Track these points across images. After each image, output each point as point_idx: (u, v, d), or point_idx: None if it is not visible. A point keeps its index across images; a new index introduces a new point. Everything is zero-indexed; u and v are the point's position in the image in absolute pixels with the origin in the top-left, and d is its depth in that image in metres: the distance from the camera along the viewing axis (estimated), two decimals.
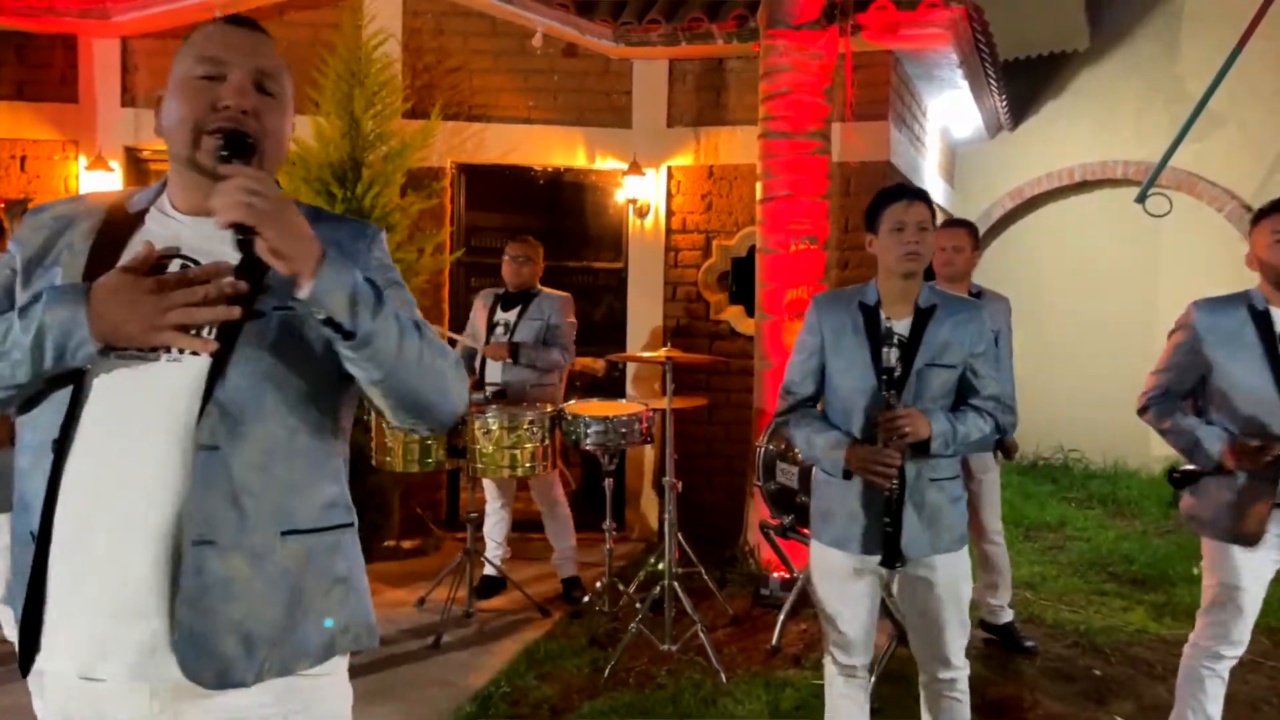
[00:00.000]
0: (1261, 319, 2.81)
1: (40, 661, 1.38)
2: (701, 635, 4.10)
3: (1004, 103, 7.68)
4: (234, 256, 1.35)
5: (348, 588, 1.51)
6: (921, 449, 2.57)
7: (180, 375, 1.38)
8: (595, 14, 5.91)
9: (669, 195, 6.20)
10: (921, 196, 2.66)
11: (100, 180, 5.80)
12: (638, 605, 4.57)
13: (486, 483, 4.95)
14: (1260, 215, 2.84)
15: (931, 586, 2.67)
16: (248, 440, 1.38)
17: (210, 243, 1.42)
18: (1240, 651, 2.92)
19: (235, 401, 1.37)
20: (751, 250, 5.90)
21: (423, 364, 1.41)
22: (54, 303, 1.33)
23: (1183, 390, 2.95)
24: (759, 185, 5.19)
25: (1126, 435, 8.35)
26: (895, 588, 2.80)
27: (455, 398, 1.49)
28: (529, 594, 4.85)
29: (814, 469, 2.87)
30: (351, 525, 1.53)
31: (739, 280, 6.08)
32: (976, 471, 4.15)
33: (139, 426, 1.36)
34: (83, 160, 5.87)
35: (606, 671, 3.96)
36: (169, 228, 1.47)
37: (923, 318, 2.65)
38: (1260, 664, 4.15)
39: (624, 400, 4.87)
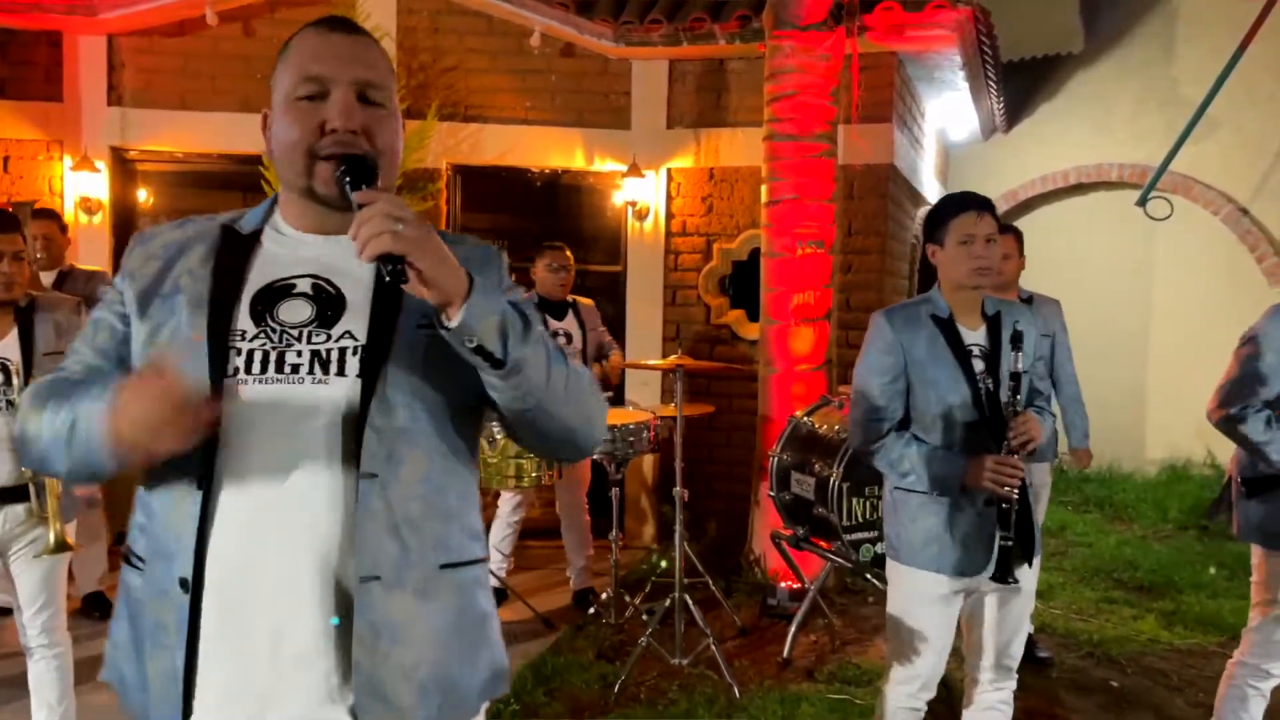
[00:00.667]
0: None
1: (200, 717, 1.28)
2: (714, 649, 4.01)
3: (1001, 105, 7.64)
4: (365, 273, 1.31)
5: (491, 627, 1.44)
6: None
7: (330, 398, 1.29)
8: (595, 13, 5.81)
9: (669, 198, 6.11)
10: (989, 207, 2.58)
11: (86, 181, 5.64)
12: (645, 617, 4.48)
13: (504, 494, 4.83)
14: None
15: (1017, 594, 2.62)
16: (406, 466, 1.30)
17: (340, 261, 1.35)
18: None
19: (391, 425, 1.29)
20: (753, 254, 5.82)
21: (569, 391, 1.34)
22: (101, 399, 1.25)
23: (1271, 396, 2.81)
24: (764, 188, 5.10)
25: (1121, 438, 8.35)
26: (971, 601, 2.71)
27: (599, 425, 1.43)
28: (532, 606, 4.75)
29: (886, 489, 2.75)
30: (487, 559, 1.46)
31: (740, 284, 5.99)
32: (1037, 484, 3.97)
33: (291, 456, 1.27)
34: (68, 160, 5.70)
35: (617, 687, 3.86)
36: (288, 248, 1.39)
37: (994, 326, 2.60)
38: None
39: (628, 407, 4.77)
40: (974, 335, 2.58)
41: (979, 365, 2.55)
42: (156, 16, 5.66)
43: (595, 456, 4.40)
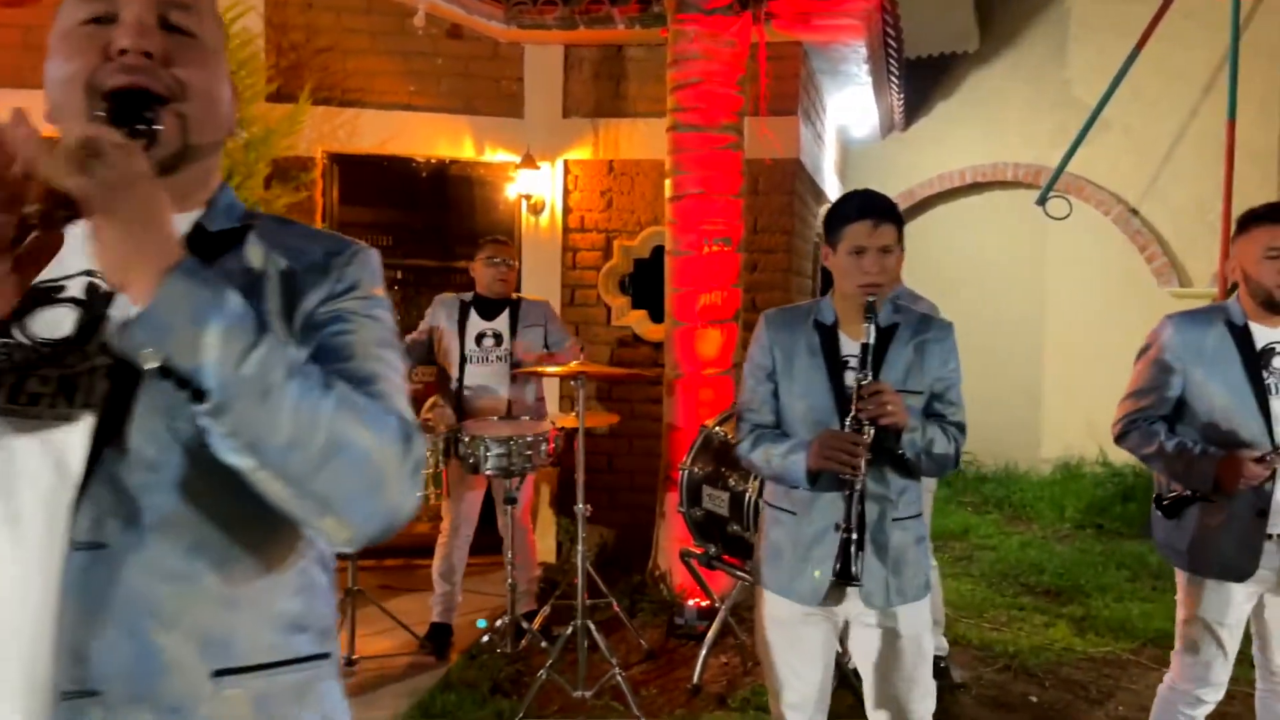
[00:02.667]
0: (1241, 334, 2.58)
1: None
2: (619, 678, 3.69)
3: (901, 102, 7.55)
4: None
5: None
6: (883, 459, 2.27)
7: (51, 443, 0.94)
8: None
9: (566, 191, 5.75)
10: (890, 215, 2.31)
11: None
12: (544, 645, 4.14)
13: (457, 508, 4.34)
14: (1249, 223, 2.58)
15: (895, 639, 2.35)
16: (158, 534, 0.94)
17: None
18: (1220, 695, 2.70)
19: (136, 479, 0.94)
20: (655, 251, 5.53)
21: (329, 442, 0.92)
22: None
23: (1162, 412, 2.69)
24: (668, 182, 4.80)
25: (1016, 437, 8.40)
26: (851, 643, 2.45)
27: (388, 498, 0.98)
28: (415, 633, 4.35)
29: (762, 506, 2.52)
30: (328, 657, 1.08)
31: (643, 283, 5.69)
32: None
33: None
34: None
35: None
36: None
37: (884, 338, 2.33)
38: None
39: (524, 418, 4.39)
40: (854, 346, 2.32)
41: (850, 377, 2.30)
42: None
43: (488, 473, 4.03)
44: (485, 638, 4.33)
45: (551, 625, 4.45)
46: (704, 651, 4.05)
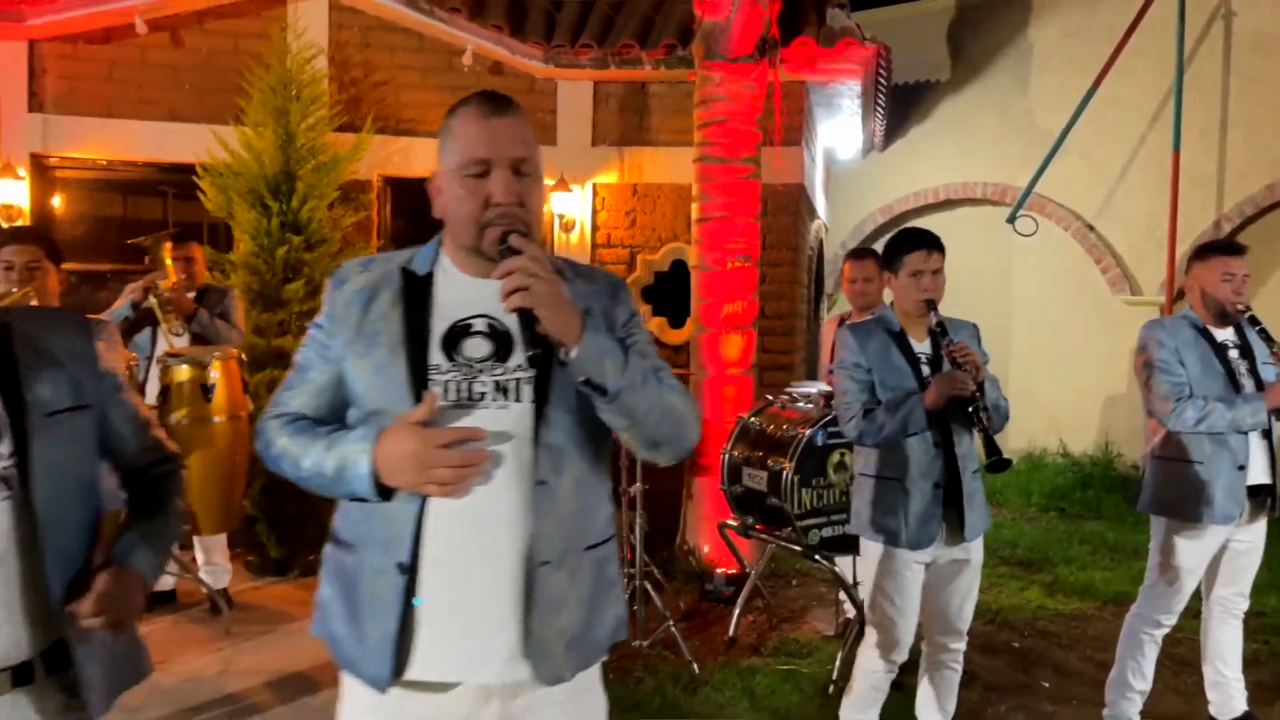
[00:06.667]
0: (1205, 333, 3.34)
1: (413, 673, 1.56)
2: (673, 629, 4.38)
3: (883, 127, 8.33)
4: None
5: (617, 588, 1.75)
6: (961, 424, 2.93)
7: (510, 420, 1.58)
8: (527, 35, 6.09)
9: (594, 211, 6.45)
10: (939, 246, 3.03)
11: (7, 188, 5.52)
12: None
13: None
14: (1208, 252, 3.34)
15: (966, 566, 3.06)
16: (566, 474, 1.60)
17: (500, 303, 1.59)
18: (1175, 620, 3.45)
19: (557, 443, 1.59)
20: (674, 265, 6.24)
21: (663, 409, 1.62)
22: (357, 442, 1.56)
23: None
24: (695, 206, 5.51)
25: None
26: (929, 577, 3.09)
27: (689, 438, 1.69)
28: None
29: (858, 479, 3.19)
30: (615, 535, 1.76)
31: (662, 293, 6.39)
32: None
33: (490, 462, 1.55)
34: None
35: None
36: (460, 289, 1.66)
37: (935, 338, 3.05)
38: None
39: None
40: (921, 346, 3.05)
41: (926, 370, 3.02)
42: (83, 23, 5.61)
43: None
44: None
45: None
46: (737, 610, 4.74)
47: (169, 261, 4.57)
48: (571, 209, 6.39)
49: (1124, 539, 6.53)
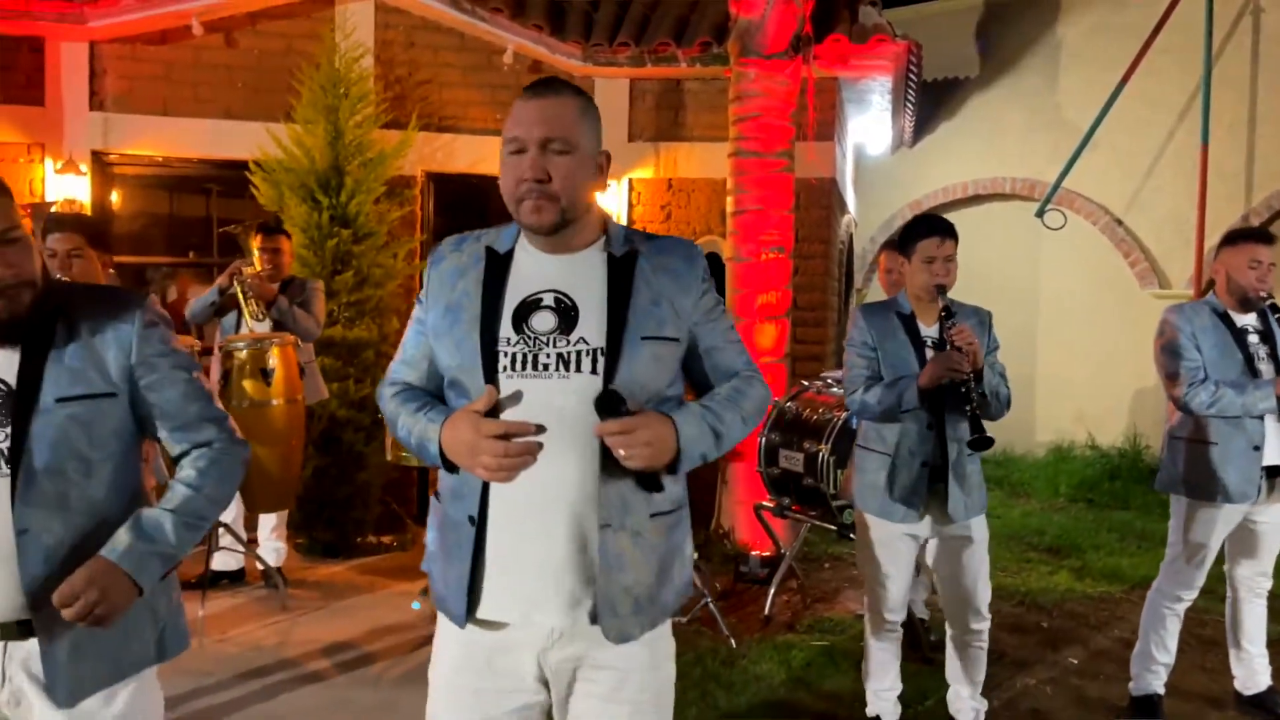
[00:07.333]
0: (1225, 318, 3.45)
1: (482, 612, 1.73)
2: (711, 607, 4.55)
3: (912, 123, 8.44)
4: (597, 288, 1.74)
5: (685, 555, 1.88)
6: (959, 410, 3.06)
7: (573, 390, 1.69)
8: (566, 34, 6.27)
9: (630, 205, 6.62)
10: (952, 233, 3.16)
11: (71, 184, 5.76)
12: None
13: None
14: (1238, 238, 3.45)
15: (969, 544, 3.20)
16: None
17: (573, 277, 1.76)
18: (1195, 595, 3.57)
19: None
20: (708, 258, 6.38)
21: (741, 426, 1.83)
22: (431, 421, 1.76)
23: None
24: (730, 200, 5.67)
25: (1013, 425, 9.23)
26: (933, 551, 3.31)
27: (759, 418, 1.90)
28: None
29: (856, 452, 3.36)
30: (686, 505, 1.88)
31: None
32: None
33: (552, 429, 1.67)
34: (49, 163, 5.81)
35: None
36: (536, 265, 1.79)
37: (942, 322, 3.18)
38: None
39: None
40: (929, 330, 3.20)
41: (930, 353, 3.14)
42: (141, 25, 5.84)
43: None
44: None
45: None
46: (772, 589, 4.90)
47: (256, 251, 4.81)
48: (608, 203, 6.55)
49: (1152, 527, 6.62)
